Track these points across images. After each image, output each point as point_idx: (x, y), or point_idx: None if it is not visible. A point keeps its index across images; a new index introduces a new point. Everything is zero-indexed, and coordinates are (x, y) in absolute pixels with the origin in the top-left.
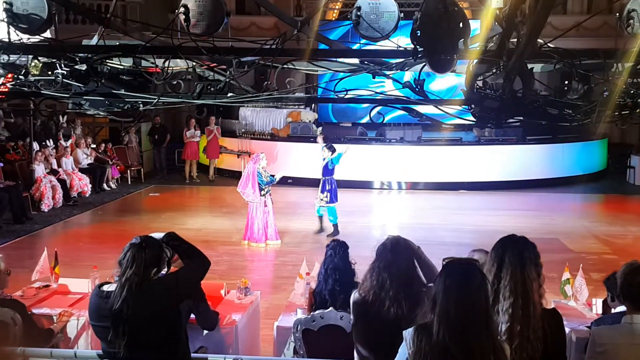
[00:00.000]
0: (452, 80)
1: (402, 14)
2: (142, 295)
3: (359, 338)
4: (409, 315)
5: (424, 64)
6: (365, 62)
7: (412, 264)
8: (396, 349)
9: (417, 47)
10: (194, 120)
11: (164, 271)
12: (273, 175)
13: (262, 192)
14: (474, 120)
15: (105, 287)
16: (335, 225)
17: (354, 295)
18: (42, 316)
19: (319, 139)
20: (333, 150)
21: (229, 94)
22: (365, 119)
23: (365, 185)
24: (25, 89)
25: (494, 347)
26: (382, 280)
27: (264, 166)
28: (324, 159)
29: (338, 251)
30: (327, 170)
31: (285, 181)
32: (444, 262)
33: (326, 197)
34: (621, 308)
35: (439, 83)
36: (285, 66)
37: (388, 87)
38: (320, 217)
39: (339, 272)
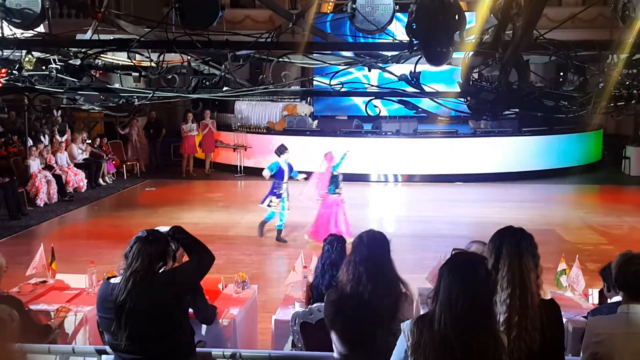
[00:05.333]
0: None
1: (397, 6)
2: (145, 288)
3: (337, 333)
4: (388, 308)
5: (419, 56)
6: (361, 55)
7: (388, 257)
8: (377, 342)
9: (413, 39)
10: (191, 114)
11: (170, 265)
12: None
13: (337, 190)
14: (470, 112)
15: (113, 280)
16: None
17: (330, 294)
18: (39, 312)
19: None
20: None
21: (225, 88)
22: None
23: (361, 178)
24: (19, 84)
25: (495, 341)
26: (359, 274)
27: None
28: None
29: (335, 246)
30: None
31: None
32: (452, 253)
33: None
34: (617, 298)
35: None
36: (280, 59)
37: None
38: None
39: (335, 267)
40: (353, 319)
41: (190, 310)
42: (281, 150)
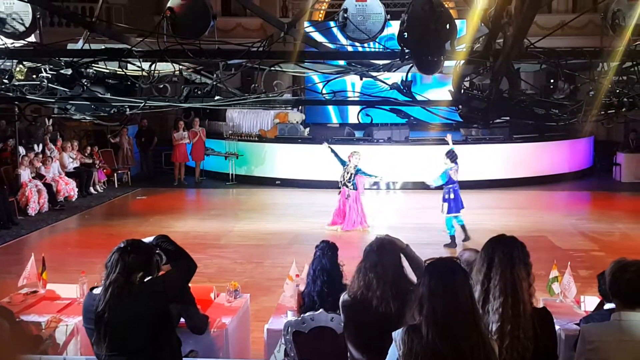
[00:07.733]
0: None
1: (388, 15)
2: (124, 298)
3: (350, 340)
4: (397, 313)
5: (411, 65)
6: (353, 64)
7: (398, 263)
8: (386, 349)
9: (405, 48)
10: (182, 122)
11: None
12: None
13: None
14: (461, 120)
15: (95, 290)
16: (452, 237)
17: (343, 298)
18: (30, 323)
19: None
20: (452, 159)
21: (216, 97)
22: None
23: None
24: (10, 94)
25: (484, 346)
26: (369, 280)
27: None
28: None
29: (326, 252)
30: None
31: (273, 182)
32: (426, 263)
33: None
34: (610, 305)
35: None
36: (272, 68)
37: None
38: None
39: (326, 274)
40: (364, 324)
41: (182, 319)
42: (453, 156)
